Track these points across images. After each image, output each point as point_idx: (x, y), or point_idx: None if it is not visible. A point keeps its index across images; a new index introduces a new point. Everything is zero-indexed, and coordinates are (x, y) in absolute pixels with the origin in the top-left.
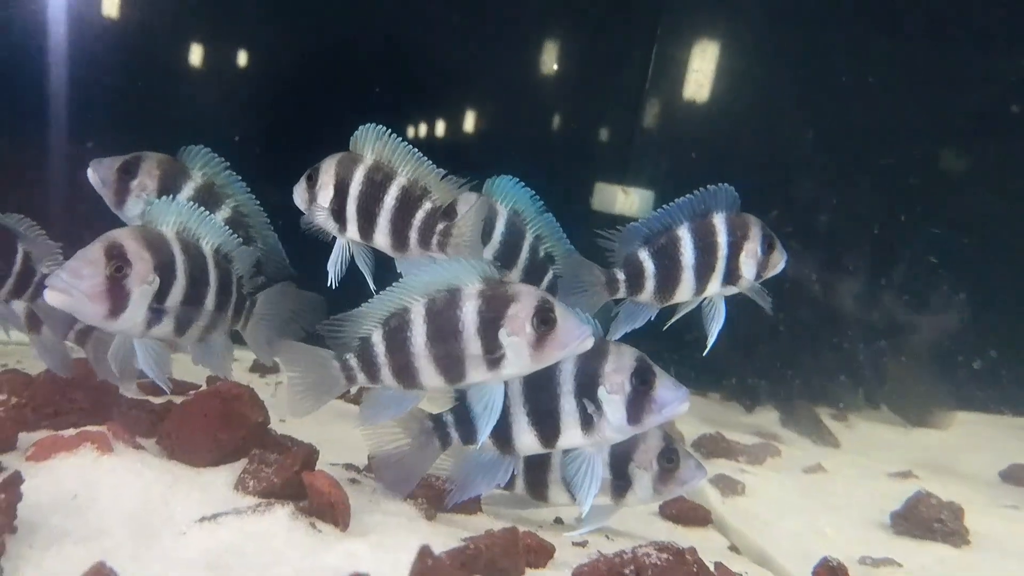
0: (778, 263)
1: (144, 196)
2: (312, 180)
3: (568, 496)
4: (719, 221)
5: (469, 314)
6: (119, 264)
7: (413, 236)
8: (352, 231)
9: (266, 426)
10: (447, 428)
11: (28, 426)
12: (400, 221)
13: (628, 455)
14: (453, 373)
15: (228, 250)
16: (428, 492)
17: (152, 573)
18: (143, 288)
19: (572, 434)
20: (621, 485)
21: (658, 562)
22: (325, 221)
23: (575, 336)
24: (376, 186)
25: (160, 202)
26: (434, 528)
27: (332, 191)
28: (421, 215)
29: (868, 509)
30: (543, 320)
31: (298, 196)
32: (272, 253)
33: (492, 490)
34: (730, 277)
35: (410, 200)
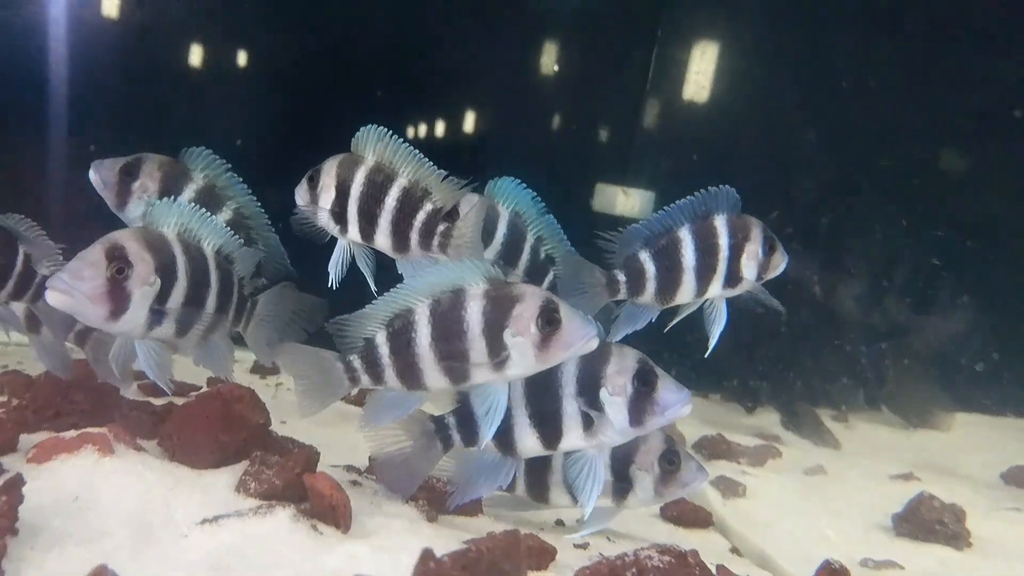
0: (779, 265)
1: (145, 197)
2: (313, 181)
3: (569, 498)
4: (720, 223)
5: (474, 315)
6: (120, 266)
7: (414, 237)
8: (353, 232)
9: (267, 428)
10: (449, 430)
11: (29, 428)
12: (401, 222)
13: (629, 457)
14: (458, 374)
15: (229, 251)
16: (429, 494)
17: (153, 575)
18: (144, 290)
19: (574, 436)
20: (622, 487)
21: (660, 564)
22: (326, 222)
23: (580, 336)
24: (377, 187)
25: (161, 203)
26: (435, 530)
27: (333, 192)
28: (422, 216)
29: (869, 511)
30: (548, 320)
31: (299, 197)
32: (273, 254)
33: (493, 492)
34: (731, 279)
35: (411, 201)
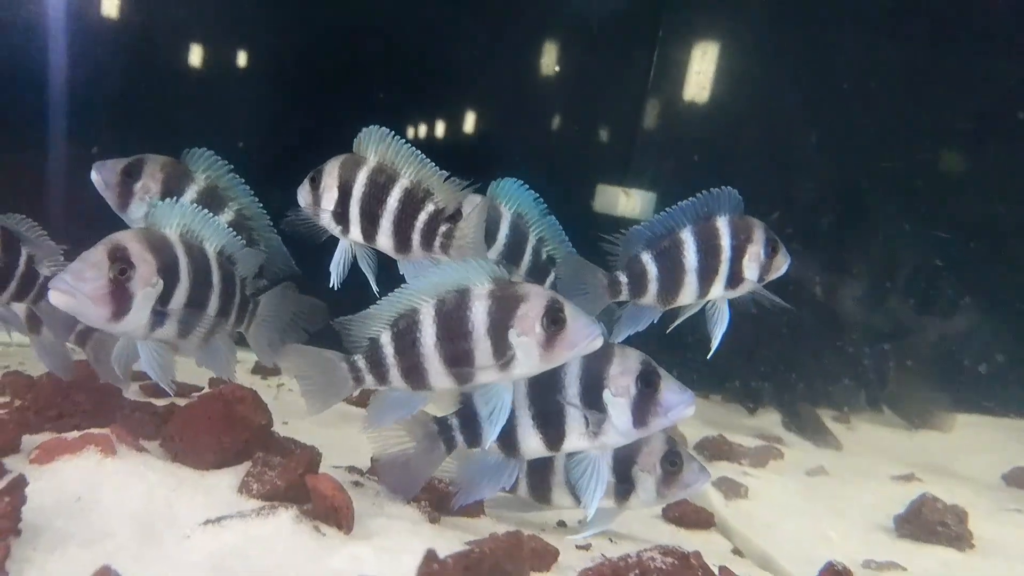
0: (781, 266)
1: (147, 198)
2: (315, 182)
3: (571, 499)
4: (722, 224)
5: (479, 315)
6: (123, 266)
7: (416, 238)
8: (355, 233)
9: (269, 429)
10: (452, 431)
11: (31, 428)
12: (403, 223)
13: (632, 458)
14: (462, 374)
15: (231, 252)
16: (431, 495)
17: None
18: (147, 291)
19: (577, 437)
20: (625, 488)
21: (663, 566)
22: (328, 223)
23: (585, 336)
24: (379, 188)
25: (164, 204)
26: (438, 531)
27: (335, 193)
28: (424, 217)
29: (871, 512)
30: (553, 320)
31: (301, 198)
32: (276, 255)
33: (497, 493)
34: (733, 280)
35: (413, 202)
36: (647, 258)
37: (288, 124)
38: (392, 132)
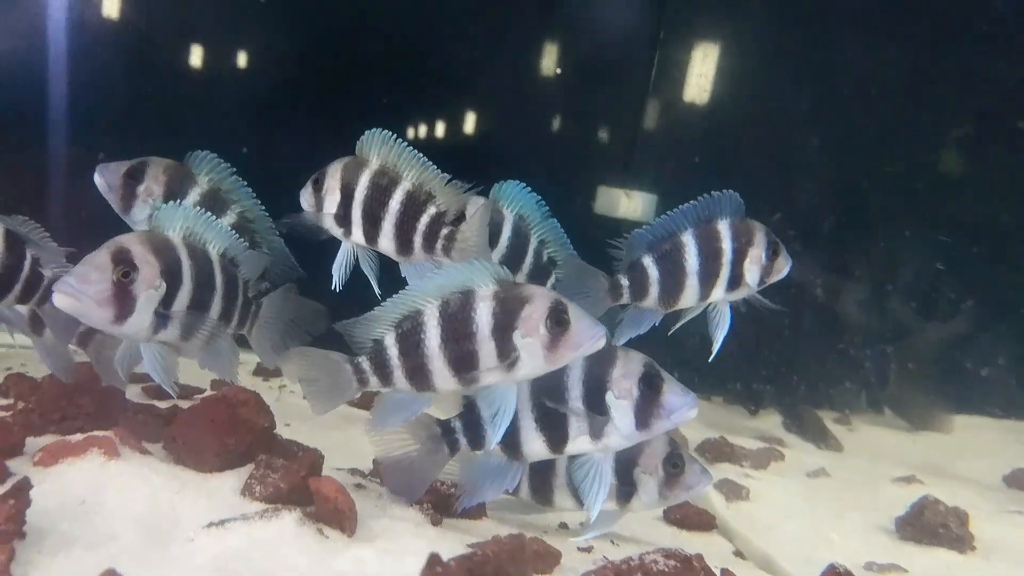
0: (783, 268)
1: (150, 201)
2: (318, 184)
3: (574, 501)
4: (724, 227)
5: (483, 316)
6: (126, 269)
7: (417, 241)
8: (357, 235)
9: (272, 431)
10: (455, 434)
11: (35, 431)
12: (405, 226)
13: (634, 460)
14: (467, 375)
15: (234, 255)
16: (434, 497)
17: None
18: (150, 293)
19: (580, 440)
20: (627, 490)
21: (665, 569)
22: (331, 226)
23: (589, 337)
24: (381, 191)
25: (167, 207)
26: (440, 533)
27: (338, 195)
28: (426, 220)
29: (872, 514)
30: (557, 321)
31: (304, 200)
32: (278, 257)
33: (500, 495)
34: (735, 283)
35: (415, 205)
36: (648, 261)
37: (290, 127)
38: (395, 135)
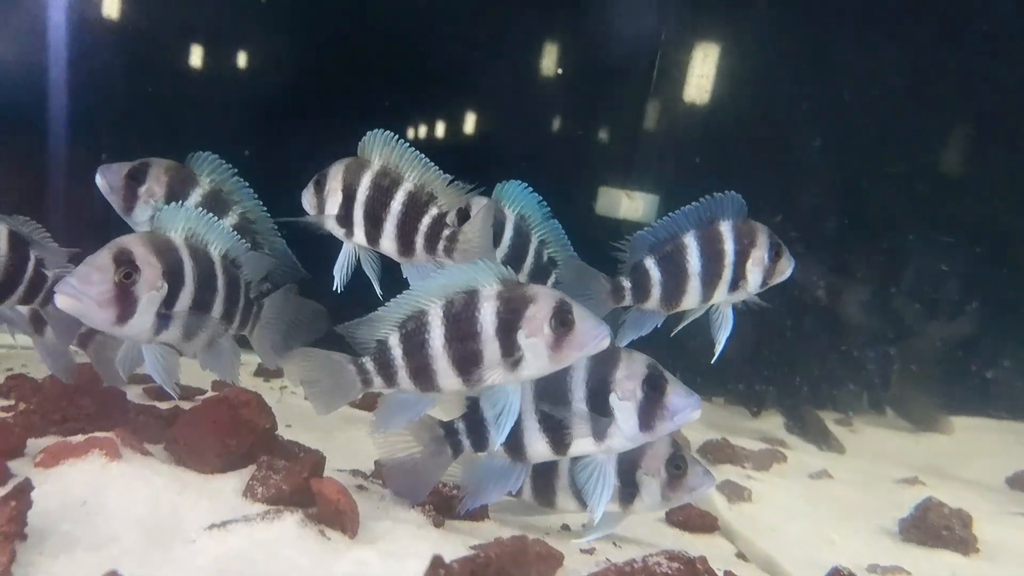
0: (785, 270)
1: (152, 202)
2: (320, 185)
3: (576, 503)
4: (726, 228)
5: (487, 316)
6: (128, 270)
7: (419, 241)
8: (359, 236)
9: (274, 432)
10: (458, 435)
11: (36, 432)
12: (406, 226)
13: (636, 462)
14: (471, 375)
15: (236, 255)
16: (436, 498)
17: None
18: (152, 294)
19: (584, 441)
20: (629, 492)
21: (669, 571)
22: (332, 227)
23: (593, 337)
24: (383, 191)
25: (169, 208)
26: (443, 535)
27: (340, 196)
28: (427, 221)
29: (875, 516)
30: (561, 321)
31: (306, 201)
32: (281, 258)
33: (503, 497)
34: (737, 284)
35: (416, 206)
36: (650, 263)
37: (292, 127)
38: (396, 136)
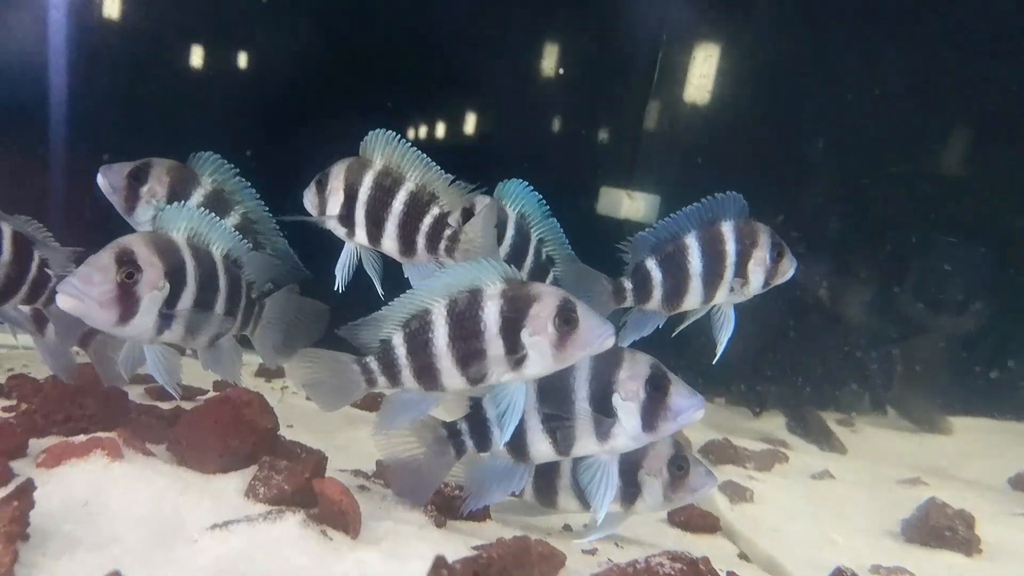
0: (787, 271)
1: (154, 202)
2: (322, 185)
3: (578, 503)
4: (727, 229)
5: (491, 315)
6: (130, 270)
7: (420, 241)
8: (360, 236)
9: (276, 432)
10: (461, 436)
11: (38, 432)
12: (408, 226)
13: (638, 462)
14: (475, 374)
15: (238, 255)
16: (438, 499)
17: None
18: (153, 294)
19: (587, 442)
20: (631, 492)
21: (672, 572)
22: (334, 226)
23: (597, 335)
24: (385, 191)
25: (171, 208)
26: (445, 535)
27: (342, 196)
28: (428, 221)
29: (877, 516)
30: (565, 320)
31: (308, 201)
32: (283, 258)
33: (507, 497)
34: (739, 285)
35: (418, 206)
36: (652, 264)
37: (294, 127)
38: (398, 136)
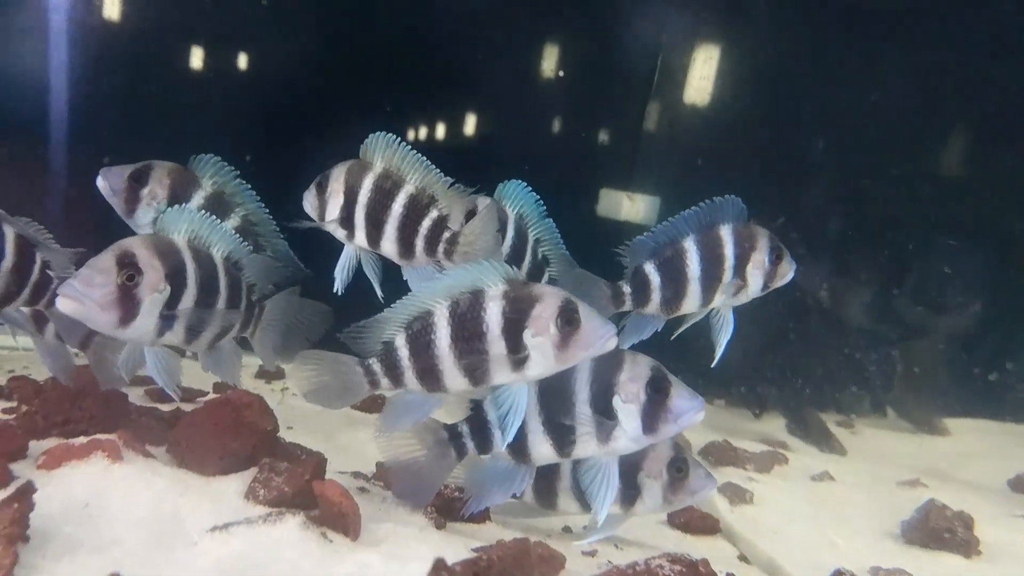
0: (786, 273)
1: (154, 204)
2: (322, 187)
3: (577, 505)
4: (726, 233)
5: (493, 315)
6: (130, 273)
7: (419, 244)
8: (360, 238)
9: (276, 434)
10: (462, 438)
11: (38, 434)
12: (407, 229)
13: (638, 464)
14: (478, 375)
15: (238, 258)
16: (438, 501)
17: None
18: (154, 296)
19: (588, 443)
20: (631, 494)
21: (671, 573)
22: (334, 229)
23: (600, 336)
24: (384, 194)
25: (172, 210)
26: (445, 537)
27: (342, 198)
28: (428, 223)
29: (877, 518)
30: (567, 320)
31: (308, 203)
32: (284, 260)
33: (507, 499)
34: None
35: (417, 208)
36: (650, 268)
37: (294, 130)
38: (399, 138)
